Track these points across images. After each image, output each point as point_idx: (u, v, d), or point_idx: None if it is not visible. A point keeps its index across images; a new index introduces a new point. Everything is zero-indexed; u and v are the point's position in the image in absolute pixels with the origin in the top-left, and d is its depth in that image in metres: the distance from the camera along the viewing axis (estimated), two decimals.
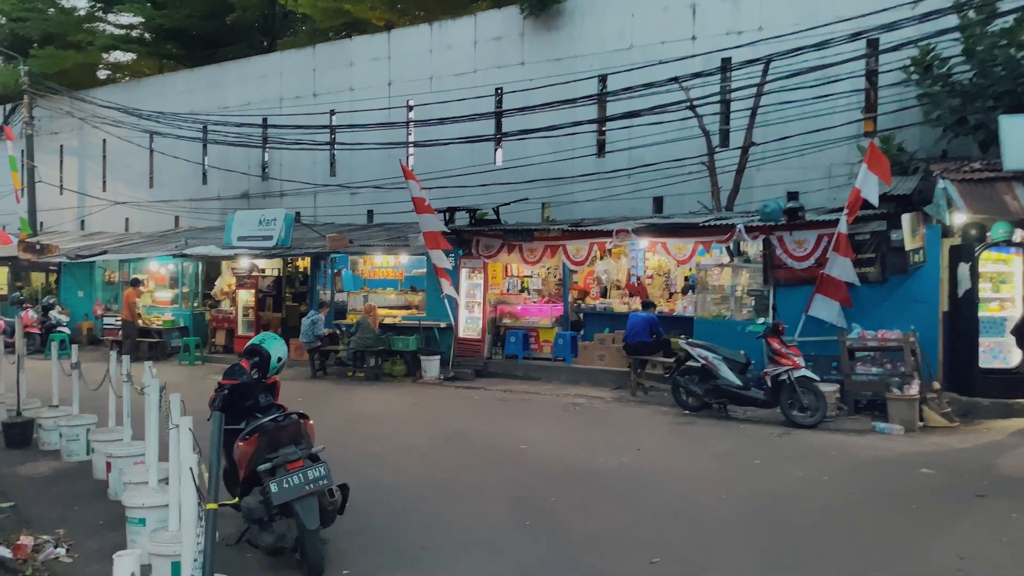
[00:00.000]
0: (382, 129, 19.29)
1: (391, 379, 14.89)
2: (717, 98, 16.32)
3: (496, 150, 19.71)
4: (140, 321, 18.03)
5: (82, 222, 28.51)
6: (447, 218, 16.13)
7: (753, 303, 12.87)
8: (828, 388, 10.54)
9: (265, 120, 22.55)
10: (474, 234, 15.38)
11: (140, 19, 29.99)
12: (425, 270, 15.91)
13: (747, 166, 15.49)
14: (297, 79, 23.10)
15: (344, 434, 9.94)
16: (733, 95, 15.98)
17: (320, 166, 22.55)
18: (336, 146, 21.72)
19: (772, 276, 12.32)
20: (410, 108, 20.64)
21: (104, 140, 27.12)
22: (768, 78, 14.62)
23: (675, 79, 15.18)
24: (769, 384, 10.49)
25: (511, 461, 8.41)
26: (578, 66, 17.89)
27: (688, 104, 15.16)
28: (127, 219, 27.05)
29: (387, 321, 15.69)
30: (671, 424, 10.54)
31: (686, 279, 15.86)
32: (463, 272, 15.43)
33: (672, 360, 12.79)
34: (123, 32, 30.03)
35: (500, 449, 8.97)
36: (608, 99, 17.21)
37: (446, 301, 14.89)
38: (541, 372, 14.43)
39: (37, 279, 24.03)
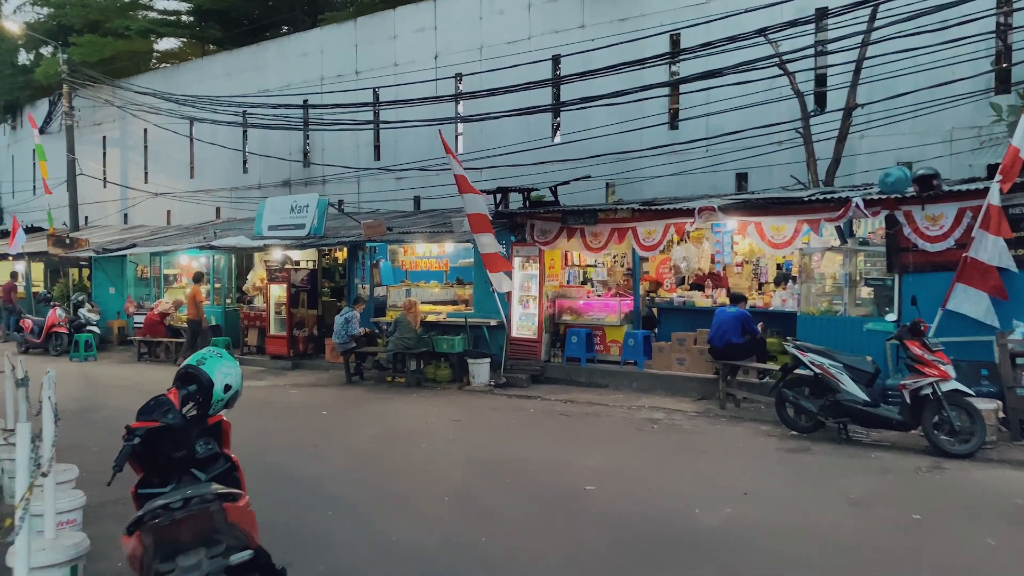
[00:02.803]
0: (428, 104, 17.34)
1: (434, 385, 12.94)
2: (812, 52, 13.83)
3: (554, 123, 17.56)
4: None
5: (125, 215, 27.50)
6: (497, 200, 14.07)
7: (871, 295, 10.46)
8: (986, 406, 8.10)
9: (306, 102, 20.94)
10: (528, 217, 13.27)
11: (183, 3, 28.79)
12: (472, 260, 13.87)
13: (849, 132, 13.06)
14: (338, 56, 21.42)
15: (365, 461, 7.97)
16: (832, 47, 13.47)
17: (364, 150, 20.85)
18: (380, 126, 19.89)
19: (898, 261, 9.88)
20: (459, 78, 18.64)
21: (145, 130, 25.99)
22: (875, 24, 12.14)
23: (762, 31, 12.76)
24: (908, 400, 8.12)
25: (574, 510, 6.29)
26: (646, 24, 15.60)
27: (777, 61, 12.75)
28: (168, 211, 25.87)
29: (430, 319, 13.71)
30: (779, 451, 8.26)
31: (778, 267, 13.50)
32: (515, 261, 13.34)
33: (767, 365, 10.54)
34: (161, 16, 28.76)
35: (559, 489, 6.85)
36: (682, 58, 14.85)
37: (496, 295, 12.82)
38: (608, 378, 12.26)
39: (74, 276, 22.92)
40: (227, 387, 4.09)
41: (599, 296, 13.58)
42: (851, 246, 10.64)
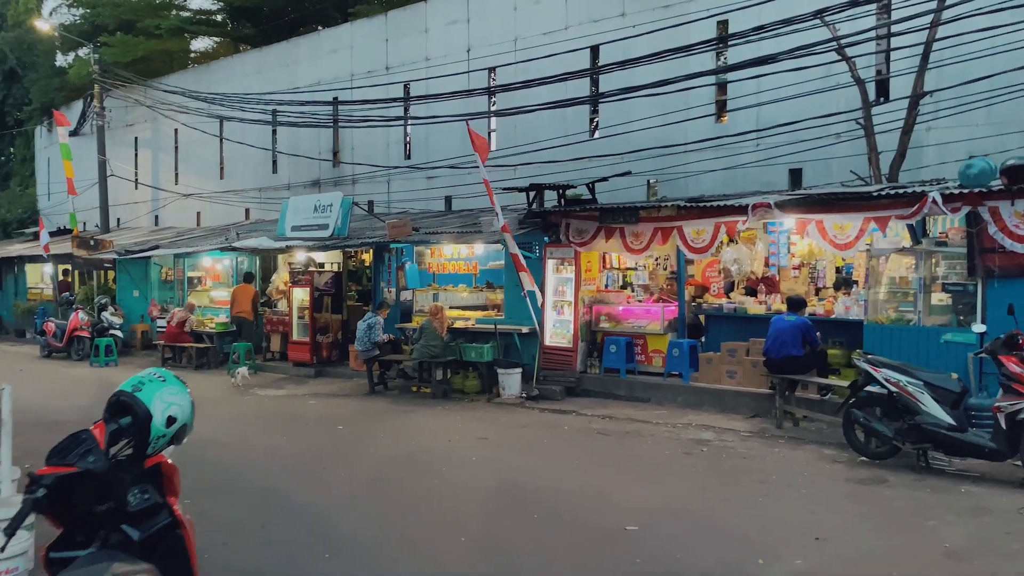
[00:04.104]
0: (460, 99, 16.46)
1: (462, 397, 12.03)
2: (874, 35, 12.66)
3: (592, 117, 16.58)
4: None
5: (156, 217, 27.15)
6: (530, 198, 13.13)
7: (949, 302, 9.29)
8: None
9: (336, 99, 20.26)
10: (563, 216, 12.30)
11: (216, 1, 28.41)
12: (503, 262, 12.94)
13: (916, 123, 11.88)
14: (369, 51, 20.69)
15: (377, 489, 7.08)
16: (896, 28, 12.27)
17: (394, 148, 20.09)
18: (410, 121, 19.09)
19: (982, 263, 8.72)
20: (492, 72, 17.75)
21: (176, 130, 25.58)
22: (946, 2, 10.97)
23: (819, 13, 11.64)
24: (1003, 424, 6.98)
25: (612, 557, 5.31)
26: (691, 9, 14.52)
27: (836, 45, 11.63)
28: (198, 213, 25.41)
29: (458, 325, 12.81)
30: (850, 482, 7.17)
31: (838, 271, 12.37)
32: (549, 264, 12.38)
33: (829, 380, 9.46)
34: (190, 15, 28.40)
35: (595, 529, 5.88)
36: (731, 43, 13.75)
37: (528, 300, 11.87)
38: (650, 391, 11.23)
39: (100, 279, 22.54)
40: (170, 420, 3.20)
41: (640, 302, 12.53)
42: (925, 247, 9.47)
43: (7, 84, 36.19)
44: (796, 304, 9.82)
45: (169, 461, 3.32)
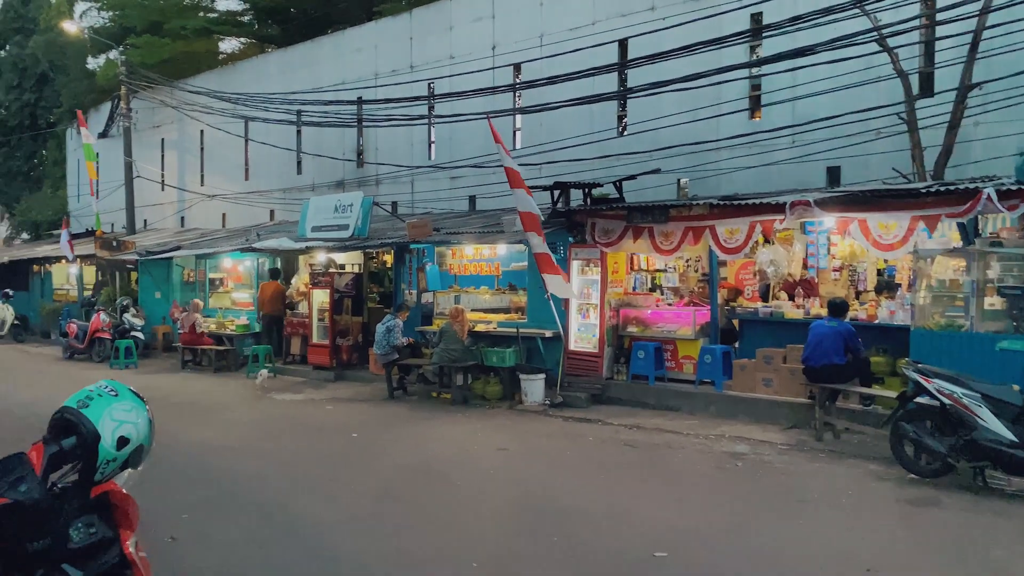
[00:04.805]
0: (485, 96, 16.03)
1: (483, 403, 11.56)
2: (917, 24, 11.97)
3: (619, 113, 16.03)
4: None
5: (182, 218, 27.09)
6: (555, 197, 12.64)
7: (1004, 307, 8.61)
8: None
9: (360, 99, 19.95)
10: (589, 215, 11.77)
11: (242, 2, 28.31)
12: (526, 263, 12.45)
13: (963, 116, 11.18)
14: (393, 50, 20.35)
15: (386, 504, 6.62)
16: (941, 17, 11.59)
17: (418, 148, 19.72)
18: (435, 119, 18.70)
19: None
20: (518, 69, 17.31)
21: (202, 131, 25.48)
22: None
23: (859, 2, 11.02)
24: None
25: None
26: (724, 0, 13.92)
27: (877, 36, 10.99)
28: (224, 214, 25.28)
29: (479, 328, 12.33)
30: (900, 503, 6.57)
31: (879, 273, 11.69)
32: (574, 265, 11.86)
33: (873, 390, 8.85)
34: (216, 16, 28.33)
35: (620, 555, 5.36)
36: (765, 35, 13.15)
37: (551, 303, 11.37)
38: (681, 400, 10.66)
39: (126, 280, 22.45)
40: (122, 440, 2.77)
41: (670, 305, 11.97)
42: (979, 247, 8.81)
43: (39, 87, 36.53)
44: (838, 308, 9.20)
45: (123, 490, 2.89)
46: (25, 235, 36.84)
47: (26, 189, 38.11)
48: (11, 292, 23.43)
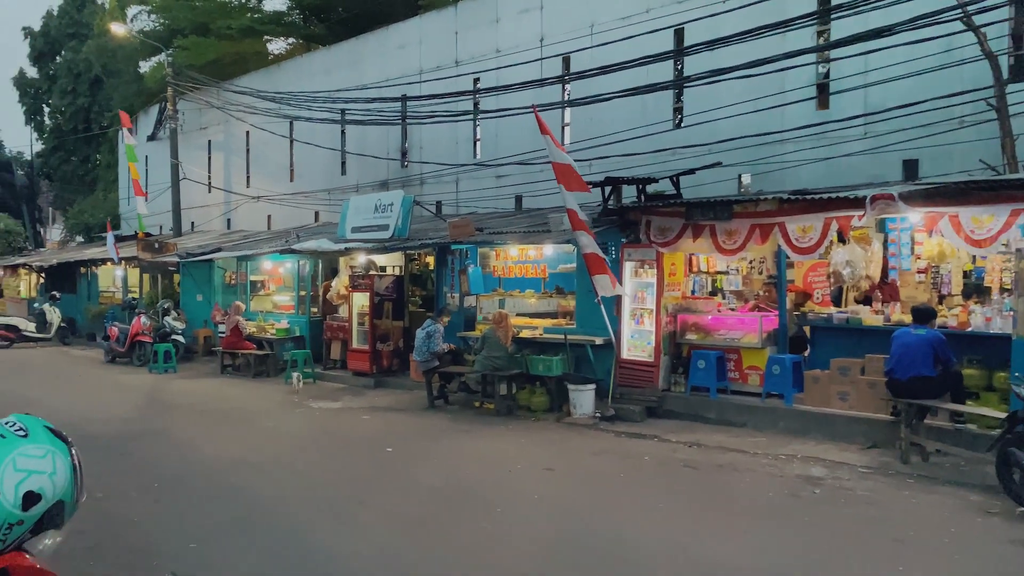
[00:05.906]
0: (532, 89, 15.27)
1: (528, 415, 10.79)
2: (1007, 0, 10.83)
3: (675, 104, 15.11)
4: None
5: (228, 220, 26.95)
6: (606, 194, 11.80)
7: None
8: None
9: (404, 96, 19.39)
10: (643, 213, 10.90)
11: (289, 2, 28.10)
12: (575, 265, 11.64)
13: None
14: (438, 46, 19.76)
15: (414, 534, 5.88)
16: None
17: (463, 146, 19.07)
18: (480, 115, 18.01)
19: None
20: (567, 60, 16.52)
21: (247, 132, 25.29)
22: None
23: None
24: None
25: None
26: None
27: (962, 14, 9.93)
28: (269, 216, 25.02)
29: (524, 334, 11.57)
30: (1014, 545, 5.59)
31: (965, 275, 10.58)
32: (627, 267, 10.99)
33: (966, 407, 7.84)
34: (261, 15, 28.15)
35: None
36: (835, 15, 12.11)
37: (603, 308, 10.54)
38: (746, 415, 9.72)
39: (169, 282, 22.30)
40: (31, 497, 2.08)
41: (733, 310, 11.02)
42: None
43: (92, 91, 37.06)
44: (925, 315, 8.18)
45: (36, 563, 2.18)
46: (80, 238, 37.37)
47: (81, 192, 38.70)
48: (59, 295, 23.50)
